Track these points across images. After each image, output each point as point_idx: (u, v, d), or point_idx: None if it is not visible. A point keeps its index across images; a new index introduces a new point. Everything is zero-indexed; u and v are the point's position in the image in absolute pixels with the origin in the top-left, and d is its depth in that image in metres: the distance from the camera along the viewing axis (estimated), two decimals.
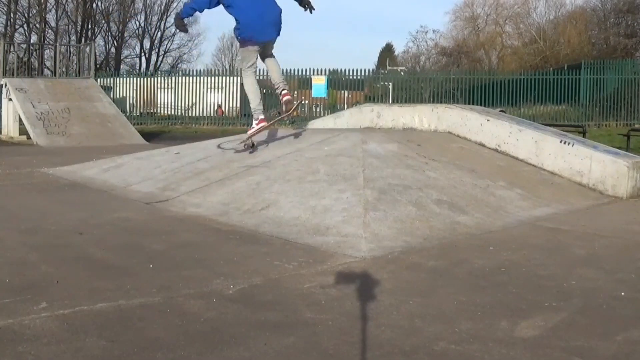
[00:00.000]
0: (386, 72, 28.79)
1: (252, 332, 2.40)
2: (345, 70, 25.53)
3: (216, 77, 27.55)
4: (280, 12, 6.36)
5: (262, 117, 6.51)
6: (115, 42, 46.88)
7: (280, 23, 6.43)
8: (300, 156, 5.88)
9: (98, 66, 34.88)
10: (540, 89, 23.55)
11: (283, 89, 6.56)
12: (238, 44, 6.69)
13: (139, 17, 48.38)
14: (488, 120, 6.96)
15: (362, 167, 5.24)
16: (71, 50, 19.50)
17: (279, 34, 6.50)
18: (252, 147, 6.50)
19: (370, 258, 3.53)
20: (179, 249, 3.74)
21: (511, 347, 2.29)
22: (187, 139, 12.48)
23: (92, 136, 13.75)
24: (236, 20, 6.30)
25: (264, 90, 32.75)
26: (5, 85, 14.85)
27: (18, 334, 2.32)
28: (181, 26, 6.80)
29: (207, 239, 4.00)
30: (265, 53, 6.64)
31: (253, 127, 6.55)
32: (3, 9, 38.74)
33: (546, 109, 23.47)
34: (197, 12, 6.55)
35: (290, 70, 25.08)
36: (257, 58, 6.57)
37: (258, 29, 6.28)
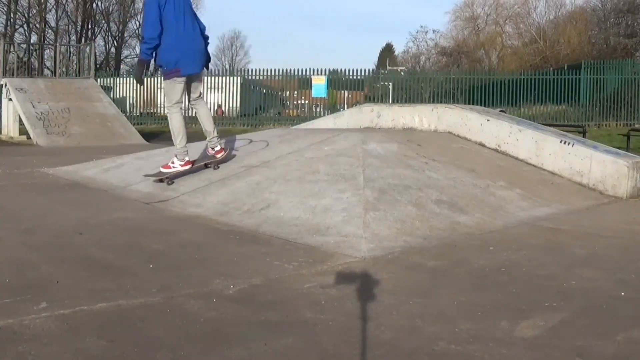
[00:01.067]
0: (386, 72, 28.78)
1: (252, 332, 2.40)
2: (345, 70, 25.54)
3: (216, 77, 27.52)
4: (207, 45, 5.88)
5: (187, 158, 5.88)
6: (115, 42, 46.91)
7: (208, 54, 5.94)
8: (300, 156, 5.88)
9: (98, 66, 34.88)
10: (540, 89, 23.55)
11: (214, 146, 6.01)
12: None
13: (139, 17, 48.35)
14: (488, 120, 6.96)
15: (362, 167, 5.24)
16: (71, 50, 19.50)
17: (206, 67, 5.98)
18: (170, 182, 5.80)
19: (370, 258, 3.53)
20: (179, 249, 3.74)
21: (511, 347, 2.29)
22: (187, 139, 12.43)
23: (92, 136, 13.76)
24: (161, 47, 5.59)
25: (263, 90, 32.67)
26: (5, 85, 14.85)
27: (18, 333, 2.32)
28: (140, 75, 5.90)
29: (207, 239, 4.00)
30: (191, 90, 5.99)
31: (175, 166, 5.85)
32: (3, 8, 38.75)
33: (546, 109, 23.47)
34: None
35: (291, 70, 25.12)
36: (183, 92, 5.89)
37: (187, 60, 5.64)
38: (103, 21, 45.37)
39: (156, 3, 5.48)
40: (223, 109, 27.02)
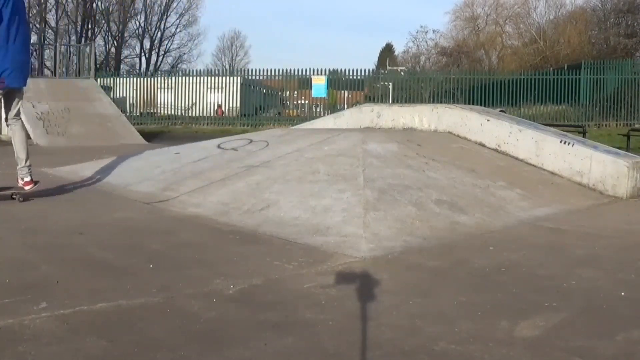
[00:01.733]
0: (386, 72, 28.76)
1: (252, 332, 2.40)
2: (345, 70, 25.55)
3: (216, 77, 27.56)
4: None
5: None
6: (115, 42, 46.95)
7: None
8: (300, 156, 5.88)
9: (98, 66, 34.88)
10: (540, 89, 23.56)
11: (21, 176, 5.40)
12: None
13: (139, 17, 48.47)
14: (488, 120, 6.96)
15: (362, 167, 5.24)
16: (71, 50, 19.46)
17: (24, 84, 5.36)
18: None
19: (370, 258, 3.53)
20: (179, 249, 3.74)
21: (511, 347, 2.29)
22: (187, 139, 12.47)
23: (92, 136, 13.74)
24: None
25: (263, 90, 32.70)
26: None
27: (18, 333, 2.32)
28: None
29: (207, 239, 4.00)
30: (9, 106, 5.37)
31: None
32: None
33: (546, 109, 23.47)
34: None
35: (291, 70, 25.12)
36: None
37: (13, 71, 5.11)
38: (103, 21, 45.42)
39: None
40: (223, 109, 27.04)
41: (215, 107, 27.23)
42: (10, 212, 4.91)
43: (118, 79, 26.99)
